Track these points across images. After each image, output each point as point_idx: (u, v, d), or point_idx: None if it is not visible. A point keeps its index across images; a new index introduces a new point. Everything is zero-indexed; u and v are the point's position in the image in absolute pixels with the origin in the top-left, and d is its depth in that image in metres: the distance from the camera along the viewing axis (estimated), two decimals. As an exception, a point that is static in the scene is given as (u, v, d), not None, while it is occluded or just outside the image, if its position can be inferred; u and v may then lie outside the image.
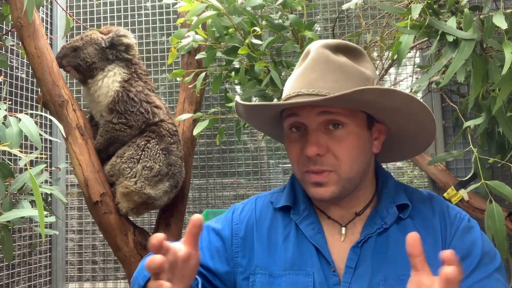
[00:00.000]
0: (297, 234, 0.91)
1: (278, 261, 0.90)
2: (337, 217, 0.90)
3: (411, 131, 0.91)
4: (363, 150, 0.86)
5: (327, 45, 0.86)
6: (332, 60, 0.84)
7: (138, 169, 1.54)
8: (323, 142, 0.83)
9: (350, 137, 0.84)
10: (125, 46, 1.56)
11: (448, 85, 1.82)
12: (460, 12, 1.26)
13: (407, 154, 1.04)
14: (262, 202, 1.00)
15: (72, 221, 2.25)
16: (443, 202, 0.92)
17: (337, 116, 0.83)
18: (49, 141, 2.15)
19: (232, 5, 1.47)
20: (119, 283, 2.21)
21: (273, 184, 2.15)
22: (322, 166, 0.83)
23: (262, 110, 0.90)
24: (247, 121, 1.01)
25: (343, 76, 0.83)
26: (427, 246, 0.84)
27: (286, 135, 0.90)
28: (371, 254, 0.85)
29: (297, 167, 0.87)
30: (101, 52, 1.55)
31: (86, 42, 1.56)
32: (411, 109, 0.83)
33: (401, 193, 0.91)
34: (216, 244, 0.96)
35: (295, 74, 0.87)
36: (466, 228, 0.87)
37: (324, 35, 2.13)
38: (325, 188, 0.84)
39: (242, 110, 0.94)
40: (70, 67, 1.59)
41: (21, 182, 1.33)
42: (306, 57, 0.88)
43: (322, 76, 0.82)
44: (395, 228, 0.87)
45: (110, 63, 1.56)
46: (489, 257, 0.84)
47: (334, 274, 0.85)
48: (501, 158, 1.42)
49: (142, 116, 1.55)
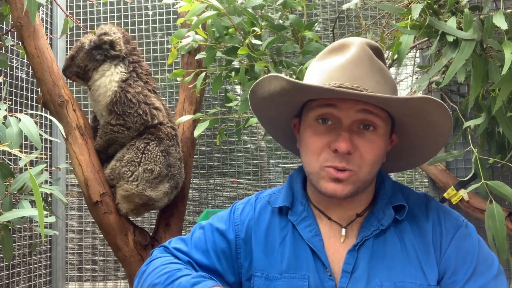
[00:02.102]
0: (293, 237, 0.90)
1: (274, 264, 0.89)
2: (336, 218, 0.89)
3: (425, 143, 0.90)
4: (383, 156, 0.86)
5: (370, 44, 0.84)
6: (375, 61, 0.83)
7: (140, 172, 1.54)
8: (354, 141, 0.81)
9: (379, 141, 0.83)
10: (109, 44, 1.54)
11: (448, 85, 1.82)
12: (460, 12, 1.26)
13: (413, 163, 1.03)
14: (261, 203, 0.99)
15: (72, 221, 2.25)
16: (440, 207, 0.90)
17: (375, 118, 0.81)
18: (49, 141, 2.15)
19: (232, 5, 1.46)
20: (119, 283, 2.21)
21: (273, 184, 2.15)
22: (347, 165, 0.81)
23: (306, 91, 0.83)
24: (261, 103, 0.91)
25: (383, 79, 0.82)
26: (420, 253, 0.83)
27: (309, 125, 0.86)
28: (368, 258, 0.84)
29: (316, 160, 0.84)
30: (89, 54, 1.56)
31: (78, 49, 1.59)
32: (445, 124, 0.83)
33: (398, 194, 0.90)
34: (221, 246, 0.95)
35: (332, 65, 0.83)
36: (463, 235, 0.86)
37: (324, 35, 2.13)
38: (343, 186, 0.82)
39: (273, 88, 0.85)
40: (74, 77, 1.63)
41: (21, 182, 1.32)
42: (342, 51, 0.84)
43: (366, 74, 0.81)
44: (392, 231, 0.86)
45: (102, 63, 1.56)
46: (485, 265, 0.83)
47: (330, 278, 0.84)
48: (501, 158, 1.42)
49: (140, 118, 1.55)
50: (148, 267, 0.94)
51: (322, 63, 0.86)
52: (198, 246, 0.97)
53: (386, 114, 0.83)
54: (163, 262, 0.92)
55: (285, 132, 1.00)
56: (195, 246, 0.97)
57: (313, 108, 0.85)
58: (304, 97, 0.86)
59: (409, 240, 0.85)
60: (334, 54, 0.85)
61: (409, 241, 0.85)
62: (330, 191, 0.83)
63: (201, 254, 0.95)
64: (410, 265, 0.83)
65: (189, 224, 2.17)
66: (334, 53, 0.86)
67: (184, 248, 0.97)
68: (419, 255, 0.84)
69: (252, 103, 0.93)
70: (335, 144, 0.80)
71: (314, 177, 0.86)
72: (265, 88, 0.87)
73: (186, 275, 0.85)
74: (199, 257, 0.95)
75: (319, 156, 0.83)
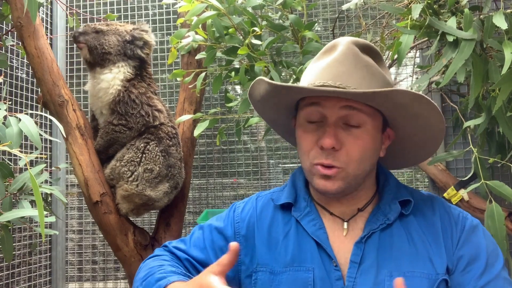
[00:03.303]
0: (297, 231, 0.92)
1: (278, 258, 0.90)
2: (338, 213, 0.91)
3: (420, 139, 0.92)
4: (373, 152, 0.87)
5: (356, 42, 0.87)
6: (360, 58, 0.85)
7: (140, 172, 1.54)
8: (340, 137, 0.83)
9: (366, 137, 0.84)
10: (143, 43, 1.55)
11: (448, 85, 1.82)
12: (460, 12, 1.26)
13: (412, 161, 1.04)
14: (262, 200, 1.01)
15: (72, 221, 2.25)
16: (444, 202, 0.93)
17: (359, 113, 0.83)
18: (49, 141, 2.15)
19: (232, 5, 1.46)
20: (119, 283, 2.21)
21: (273, 184, 2.15)
22: (333, 161, 0.83)
23: (288, 91, 0.87)
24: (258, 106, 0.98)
25: (369, 75, 0.84)
26: (427, 244, 0.85)
27: (300, 125, 0.89)
28: (376, 250, 0.85)
29: (307, 158, 0.87)
30: (122, 45, 1.54)
31: (111, 30, 1.54)
32: (432, 118, 0.85)
33: (403, 190, 0.92)
34: (219, 244, 0.97)
35: (320, 65, 0.86)
36: (472, 227, 0.88)
37: (324, 35, 2.13)
38: (332, 182, 0.84)
39: (261, 90, 0.91)
40: (85, 45, 1.55)
41: (21, 182, 1.32)
42: (331, 51, 0.87)
43: (350, 71, 0.83)
44: (398, 224, 0.88)
45: (122, 59, 1.54)
46: (494, 256, 0.85)
47: (336, 268, 0.85)
48: (501, 158, 1.42)
49: (142, 119, 1.55)
50: (140, 268, 0.97)
51: (315, 64, 0.89)
52: (196, 244, 0.99)
53: (373, 110, 0.85)
54: (153, 260, 0.96)
55: (290, 131, 1.02)
56: (194, 244, 0.99)
57: (302, 107, 0.88)
58: (289, 96, 0.89)
59: (416, 233, 0.87)
60: (326, 55, 0.89)
61: (416, 233, 0.87)
62: (321, 188, 0.86)
63: (198, 251, 0.97)
64: (417, 256, 0.85)
65: (189, 224, 2.17)
66: (325, 54, 0.89)
67: (183, 247, 1.00)
68: (427, 245, 0.86)
69: (253, 105, 0.99)
70: (321, 141, 0.83)
71: (307, 174, 0.89)
72: (256, 92, 0.93)
73: (159, 271, 0.87)
74: (196, 253, 0.97)
75: (309, 154, 0.86)
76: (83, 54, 1.57)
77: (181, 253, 0.98)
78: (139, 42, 1.55)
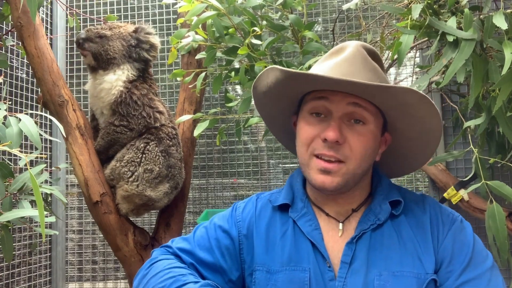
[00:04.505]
0: (294, 231, 0.93)
1: (275, 258, 0.91)
2: (333, 213, 0.93)
3: (416, 145, 0.93)
4: (373, 151, 0.89)
5: (364, 46, 0.89)
6: (369, 60, 0.87)
7: (140, 172, 1.53)
8: (344, 132, 0.84)
9: (368, 135, 0.86)
10: (150, 45, 1.55)
11: (448, 85, 1.82)
12: (460, 12, 1.26)
13: (407, 169, 1.05)
14: (262, 201, 1.02)
15: (72, 221, 2.25)
16: (436, 203, 0.94)
17: (364, 111, 0.85)
18: (49, 141, 2.15)
19: (232, 5, 1.47)
20: (119, 283, 2.21)
21: (273, 184, 2.15)
22: (336, 153, 0.84)
23: (302, 79, 0.86)
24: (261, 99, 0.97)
25: (375, 77, 0.85)
26: (417, 244, 0.87)
27: (303, 118, 0.90)
28: (366, 250, 0.86)
29: (306, 149, 0.88)
30: (127, 49, 1.53)
31: (115, 34, 1.52)
32: (433, 122, 0.86)
33: (394, 191, 0.93)
34: (225, 242, 0.97)
35: (329, 64, 0.87)
36: (459, 229, 0.89)
37: (324, 35, 2.13)
38: (332, 177, 0.85)
39: (270, 80, 0.90)
40: (89, 53, 1.52)
41: (21, 182, 1.32)
42: (340, 52, 0.89)
43: (359, 71, 0.84)
44: (389, 225, 0.89)
45: (127, 61, 1.53)
46: (480, 257, 0.86)
47: (330, 269, 0.86)
48: (501, 158, 1.42)
49: (143, 120, 1.55)
50: (150, 270, 0.93)
51: (321, 64, 0.90)
52: (201, 244, 0.98)
53: (376, 109, 0.87)
54: (166, 266, 0.92)
55: (287, 131, 1.03)
56: (198, 244, 0.98)
57: (307, 101, 0.89)
58: (297, 86, 0.89)
59: (406, 232, 0.88)
60: (334, 55, 0.90)
61: (406, 233, 0.88)
62: (319, 183, 0.86)
63: (205, 252, 0.96)
64: (407, 255, 0.86)
65: (189, 224, 2.17)
66: (334, 55, 0.90)
67: (187, 247, 0.98)
68: (416, 245, 0.87)
69: (255, 99, 0.99)
70: (324, 133, 0.84)
71: (305, 168, 0.89)
72: (264, 82, 0.92)
73: (192, 282, 0.85)
74: (203, 255, 0.96)
75: (309, 146, 0.87)
76: (87, 60, 1.56)
77: (186, 256, 0.96)
78: (145, 45, 1.54)
